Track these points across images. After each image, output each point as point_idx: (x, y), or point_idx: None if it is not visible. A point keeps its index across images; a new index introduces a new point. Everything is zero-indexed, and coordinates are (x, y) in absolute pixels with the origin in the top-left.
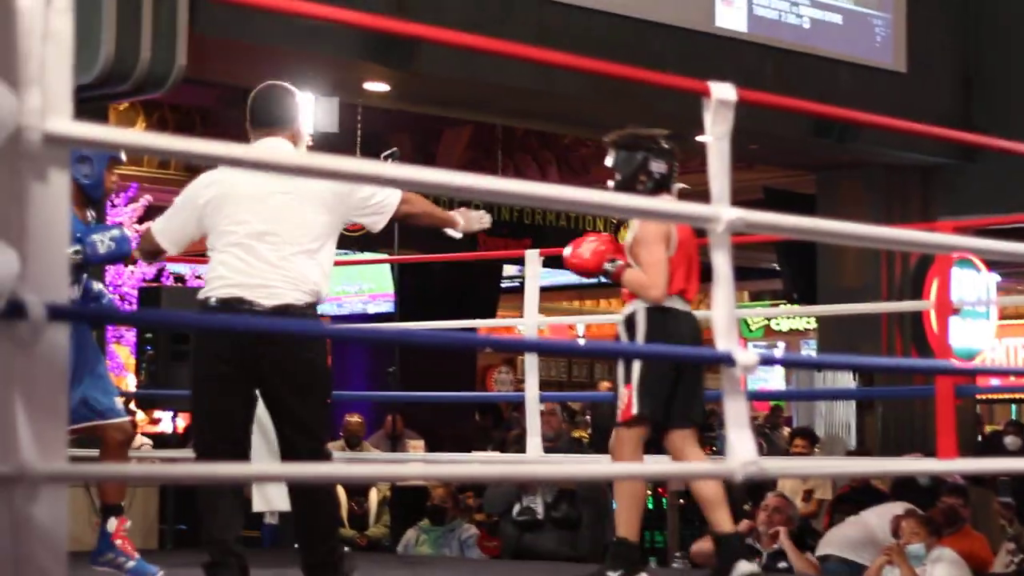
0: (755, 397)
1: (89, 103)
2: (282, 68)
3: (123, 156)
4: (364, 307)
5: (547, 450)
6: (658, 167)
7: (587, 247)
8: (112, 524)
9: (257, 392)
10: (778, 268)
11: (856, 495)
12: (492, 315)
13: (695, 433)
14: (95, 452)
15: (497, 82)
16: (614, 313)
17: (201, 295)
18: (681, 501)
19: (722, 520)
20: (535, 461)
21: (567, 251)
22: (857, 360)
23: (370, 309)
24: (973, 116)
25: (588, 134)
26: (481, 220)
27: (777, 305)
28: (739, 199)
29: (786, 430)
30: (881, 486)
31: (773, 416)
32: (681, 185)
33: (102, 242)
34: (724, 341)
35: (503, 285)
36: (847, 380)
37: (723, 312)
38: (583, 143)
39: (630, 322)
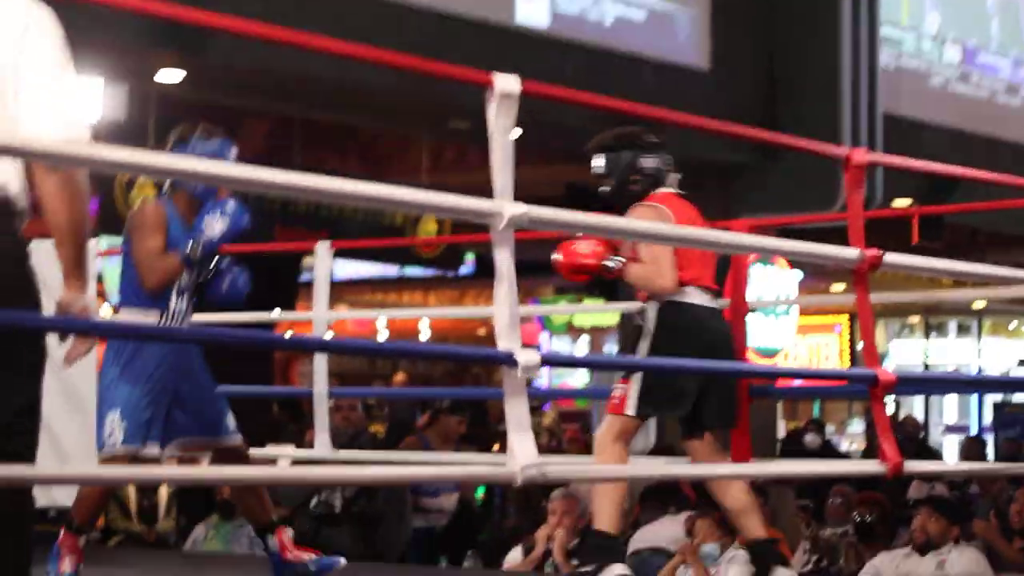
0: (554, 395)
1: None
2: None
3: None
4: None
5: (345, 446)
6: (648, 163)
7: (585, 246)
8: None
9: None
10: None
11: (660, 491)
12: (292, 308)
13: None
14: None
15: (295, 72)
16: (416, 308)
17: None
18: None
19: (755, 526)
20: (325, 460)
21: (558, 255)
22: (623, 360)
23: None
24: (777, 114)
25: (389, 126)
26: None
27: (581, 300)
28: (541, 194)
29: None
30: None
31: None
32: (679, 175)
33: (212, 223)
34: (505, 341)
35: (302, 279)
36: None
37: (505, 310)
38: (384, 135)
39: (642, 318)
